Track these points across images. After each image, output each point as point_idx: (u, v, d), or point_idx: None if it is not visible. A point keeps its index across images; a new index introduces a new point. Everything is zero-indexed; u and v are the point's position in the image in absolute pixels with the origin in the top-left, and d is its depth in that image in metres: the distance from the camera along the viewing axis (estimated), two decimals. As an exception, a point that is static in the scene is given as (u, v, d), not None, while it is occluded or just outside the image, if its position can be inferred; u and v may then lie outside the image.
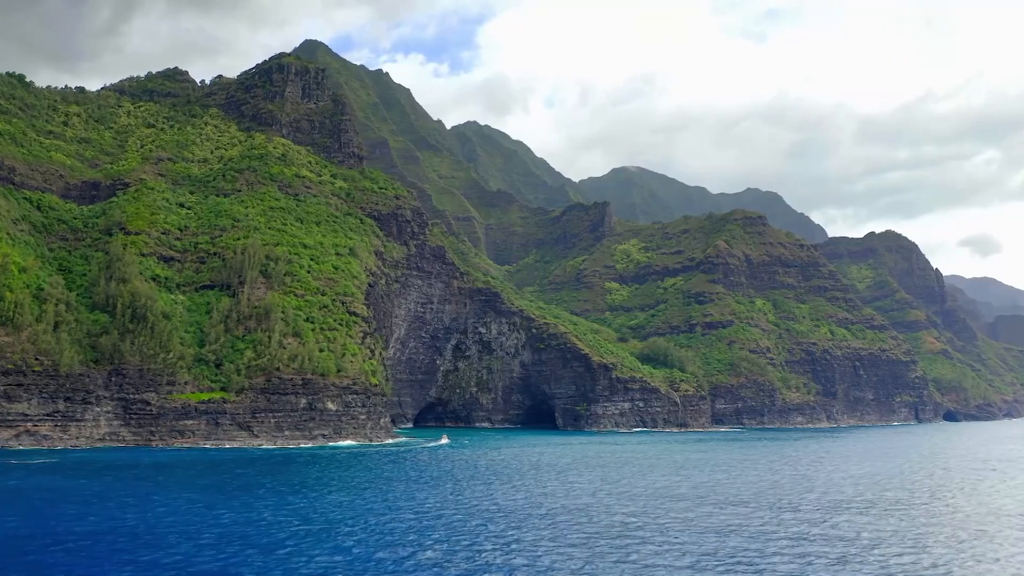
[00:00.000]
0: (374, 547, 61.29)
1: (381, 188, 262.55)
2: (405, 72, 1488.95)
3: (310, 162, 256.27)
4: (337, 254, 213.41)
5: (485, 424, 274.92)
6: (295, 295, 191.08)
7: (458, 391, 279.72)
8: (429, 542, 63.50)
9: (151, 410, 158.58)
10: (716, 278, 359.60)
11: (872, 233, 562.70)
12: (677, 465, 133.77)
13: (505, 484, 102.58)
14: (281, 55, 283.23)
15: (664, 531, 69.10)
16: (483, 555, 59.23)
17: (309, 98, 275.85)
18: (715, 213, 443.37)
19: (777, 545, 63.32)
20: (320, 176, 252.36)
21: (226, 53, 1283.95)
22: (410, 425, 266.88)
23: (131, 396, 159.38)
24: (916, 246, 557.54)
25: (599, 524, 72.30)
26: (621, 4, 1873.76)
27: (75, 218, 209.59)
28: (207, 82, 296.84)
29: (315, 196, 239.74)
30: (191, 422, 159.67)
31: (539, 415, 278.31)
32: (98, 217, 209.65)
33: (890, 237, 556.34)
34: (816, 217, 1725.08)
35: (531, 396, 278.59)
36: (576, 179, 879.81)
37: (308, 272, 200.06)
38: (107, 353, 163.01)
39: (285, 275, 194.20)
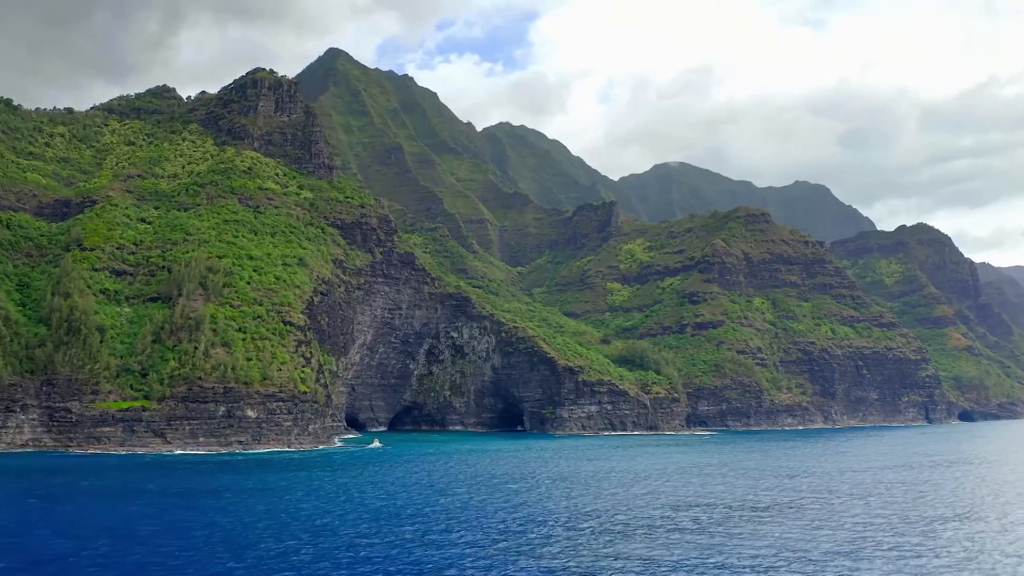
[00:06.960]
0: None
1: (347, 197, 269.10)
2: (457, 74, 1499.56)
3: (277, 174, 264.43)
4: (284, 264, 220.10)
5: (458, 427, 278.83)
6: (231, 306, 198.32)
7: (432, 395, 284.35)
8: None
9: (72, 417, 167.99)
10: (711, 277, 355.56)
11: (903, 226, 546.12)
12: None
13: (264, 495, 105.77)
14: (256, 70, 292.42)
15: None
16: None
17: (282, 111, 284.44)
18: (719, 211, 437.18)
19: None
20: (286, 188, 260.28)
21: (272, 62, 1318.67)
22: (383, 429, 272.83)
23: (56, 404, 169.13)
24: (949, 239, 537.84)
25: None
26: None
27: (41, 235, 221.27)
28: (191, 98, 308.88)
29: (276, 208, 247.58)
30: (108, 428, 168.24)
31: (510, 418, 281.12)
32: (63, 234, 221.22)
33: (921, 230, 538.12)
34: (878, 208, 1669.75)
35: (502, 399, 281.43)
36: (616, 177, 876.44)
37: (248, 283, 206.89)
38: (42, 364, 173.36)
39: (224, 286, 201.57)
